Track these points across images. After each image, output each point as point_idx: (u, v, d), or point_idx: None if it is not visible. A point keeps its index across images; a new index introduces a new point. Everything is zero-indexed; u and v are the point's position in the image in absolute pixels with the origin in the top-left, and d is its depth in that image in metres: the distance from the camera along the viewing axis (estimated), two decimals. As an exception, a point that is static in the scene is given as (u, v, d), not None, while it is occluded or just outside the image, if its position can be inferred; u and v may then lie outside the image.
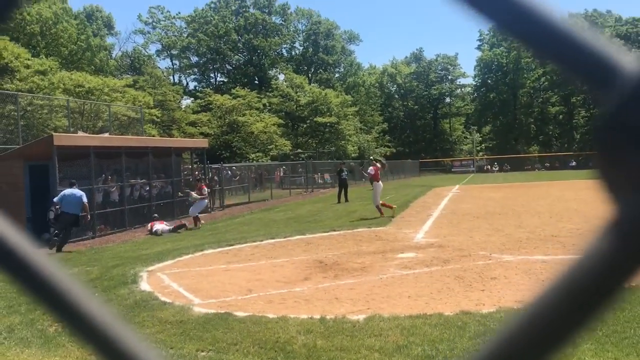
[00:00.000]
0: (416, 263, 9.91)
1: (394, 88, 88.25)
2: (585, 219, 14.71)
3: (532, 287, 7.52)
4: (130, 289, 8.67)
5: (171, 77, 73.24)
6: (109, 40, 67.35)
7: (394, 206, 18.32)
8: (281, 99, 59.41)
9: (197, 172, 24.56)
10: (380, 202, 18.02)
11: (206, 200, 19.43)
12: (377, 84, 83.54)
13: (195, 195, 18.63)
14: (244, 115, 49.52)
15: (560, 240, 11.58)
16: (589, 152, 69.56)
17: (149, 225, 17.72)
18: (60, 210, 14.26)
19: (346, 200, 25.64)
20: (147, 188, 20.46)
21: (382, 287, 8.18)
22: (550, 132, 79.39)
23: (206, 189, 19.47)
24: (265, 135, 49.47)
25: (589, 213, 16.08)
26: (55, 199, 14.38)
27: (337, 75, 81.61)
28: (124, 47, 77.97)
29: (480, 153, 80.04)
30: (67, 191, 14.25)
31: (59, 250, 13.99)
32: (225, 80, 76.90)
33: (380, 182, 18.55)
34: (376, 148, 67.58)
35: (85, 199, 14.39)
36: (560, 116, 78.58)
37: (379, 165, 18.97)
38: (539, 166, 72.17)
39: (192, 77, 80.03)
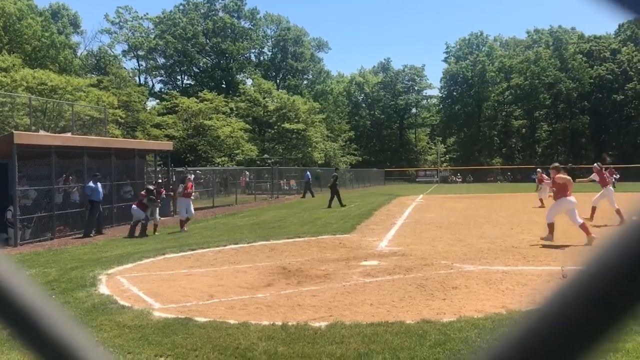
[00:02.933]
0: (379, 271, 9.95)
1: (362, 97, 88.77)
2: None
3: (491, 296, 7.62)
4: (88, 292, 8.50)
5: (137, 78, 72.42)
6: (75, 38, 66.25)
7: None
8: (249, 104, 59.17)
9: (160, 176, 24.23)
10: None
11: (187, 200, 18.68)
12: (344, 92, 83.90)
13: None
14: (210, 119, 49.18)
15: (521, 252, 11.76)
16: (549, 166, 70.93)
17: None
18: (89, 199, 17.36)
19: (341, 205, 25.55)
20: (109, 189, 20.10)
21: (344, 295, 8.18)
22: (513, 145, 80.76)
23: (163, 194, 19.10)
24: (231, 139, 49.19)
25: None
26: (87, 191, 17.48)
27: (305, 82, 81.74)
28: (89, 46, 77.26)
29: (445, 164, 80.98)
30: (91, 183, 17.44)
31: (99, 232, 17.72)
32: (192, 83, 76.30)
33: None
34: (342, 156, 67.81)
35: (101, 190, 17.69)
36: (523, 130, 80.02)
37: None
38: (501, 178, 73.31)
39: (159, 78, 79.24)
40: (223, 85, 74.21)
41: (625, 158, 65.60)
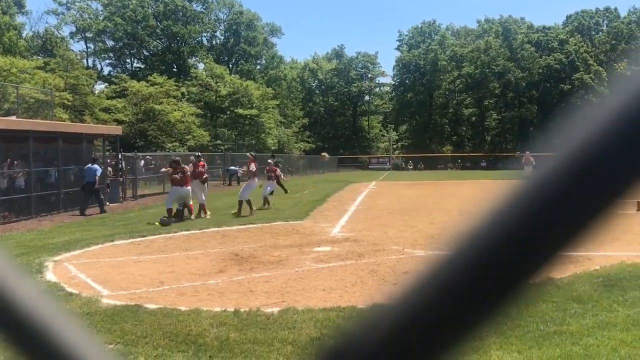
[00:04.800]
0: (331, 257, 10.00)
1: (315, 83, 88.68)
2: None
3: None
4: (34, 280, 8.27)
5: (85, 61, 70.28)
6: (19, 19, 63.69)
7: (254, 208, 17.06)
8: (200, 89, 58.26)
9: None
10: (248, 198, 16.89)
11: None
12: (298, 79, 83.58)
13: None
14: (161, 103, 48.19)
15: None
16: (499, 153, 72.76)
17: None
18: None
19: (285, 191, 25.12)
20: (56, 175, 19.57)
21: (297, 280, 8.20)
22: (463, 133, 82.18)
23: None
24: (182, 124, 48.36)
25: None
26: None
27: (258, 67, 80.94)
28: (35, 27, 74.13)
29: (397, 151, 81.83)
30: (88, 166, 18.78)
31: (82, 213, 17.92)
32: (142, 67, 74.55)
33: (256, 180, 17.64)
34: (296, 143, 67.69)
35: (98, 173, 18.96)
36: (473, 118, 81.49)
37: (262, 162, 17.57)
38: (451, 165, 74.56)
39: (107, 61, 77.04)
40: (174, 69, 72.81)
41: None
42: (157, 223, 14.84)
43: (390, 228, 13.65)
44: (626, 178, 0.34)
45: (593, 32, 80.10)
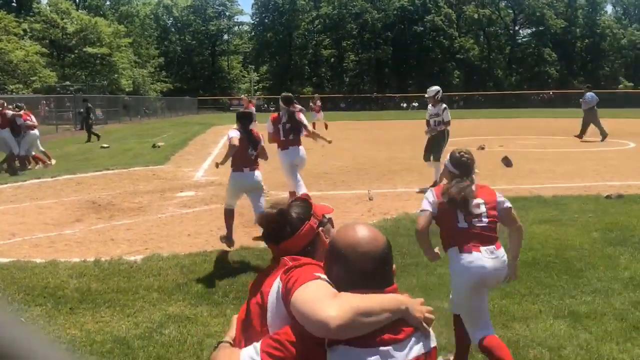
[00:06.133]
0: (196, 201, 9.89)
1: (171, 21, 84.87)
2: (353, 157, 15.87)
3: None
4: None
5: None
6: None
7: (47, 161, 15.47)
8: (45, 25, 53.69)
9: None
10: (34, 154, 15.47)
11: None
12: (152, 16, 79.49)
13: None
14: (0, 41, 43.89)
15: (331, 177, 12.37)
16: (357, 94, 74.74)
17: None
18: None
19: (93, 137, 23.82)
20: None
21: (161, 227, 8.04)
22: (323, 74, 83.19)
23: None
24: (26, 64, 44.50)
25: (356, 152, 17.40)
26: None
27: (108, 2, 75.83)
28: None
29: (258, 92, 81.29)
30: None
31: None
32: (-25, 0, 67.15)
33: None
34: (152, 84, 64.98)
35: None
36: (332, 59, 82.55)
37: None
38: (312, 107, 75.59)
39: None
40: (13, 3, 66.16)
41: (424, 88, 70.87)
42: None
43: (253, 170, 13.66)
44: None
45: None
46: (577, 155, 15.57)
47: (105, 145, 20.54)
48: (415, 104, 67.91)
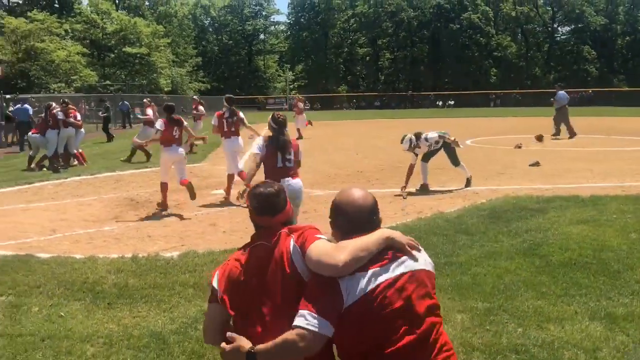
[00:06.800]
0: (231, 199, 9.98)
1: (208, 21, 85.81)
2: (388, 156, 15.80)
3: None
4: None
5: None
6: None
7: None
8: (85, 26, 54.83)
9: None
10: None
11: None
12: (190, 16, 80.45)
13: None
14: (43, 41, 44.96)
15: (366, 175, 12.35)
16: (392, 93, 74.40)
17: None
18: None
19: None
20: None
21: (196, 224, 8.15)
22: (358, 73, 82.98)
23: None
24: (68, 64, 45.51)
25: (391, 150, 17.30)
26: None
27: (147, 3, 77.01)
28: None
29: (293, 91, 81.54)
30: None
31: None
32: (20, 2, 68.84)
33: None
34: (190, 83, 65.73)
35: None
36: (367, 57, 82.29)
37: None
38: (347, 105, 75.42)
39: (-21, -5, 70.54)
40: (56, 5, 67.63)
41: (460, 86, 70.17)
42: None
43: (288, 168, 13.70)
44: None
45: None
46: (612, 155, 15.22)
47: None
48: (451, 102, 67.24)
